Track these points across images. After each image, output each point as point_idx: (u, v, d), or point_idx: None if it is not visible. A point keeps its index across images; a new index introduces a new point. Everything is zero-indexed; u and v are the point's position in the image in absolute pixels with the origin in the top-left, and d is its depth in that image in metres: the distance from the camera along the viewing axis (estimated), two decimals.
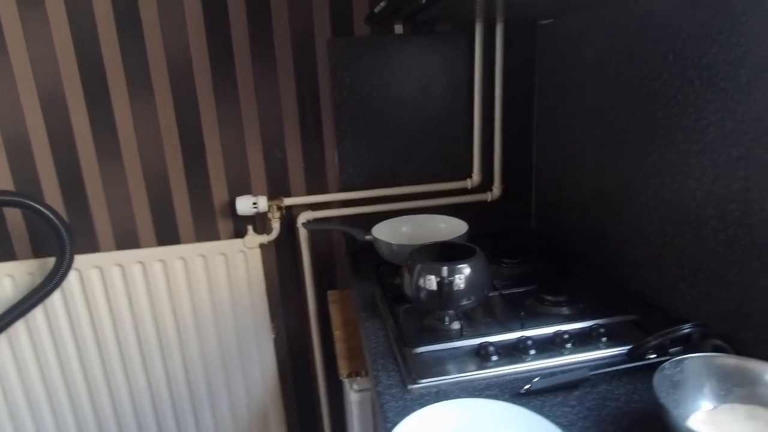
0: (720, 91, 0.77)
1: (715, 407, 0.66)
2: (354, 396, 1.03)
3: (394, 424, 0.70)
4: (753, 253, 0.75)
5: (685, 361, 0.68)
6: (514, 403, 0.73)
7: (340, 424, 1.64)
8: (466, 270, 0.92)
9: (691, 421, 0.64)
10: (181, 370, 1.46)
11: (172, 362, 1.44)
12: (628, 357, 0.81)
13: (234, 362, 1.47)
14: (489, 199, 1.44)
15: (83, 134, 1.28)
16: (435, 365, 0.84)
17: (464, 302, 0.93)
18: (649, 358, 0.79)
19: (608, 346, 0.86)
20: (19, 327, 1.33)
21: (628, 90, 0.99)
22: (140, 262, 1.35)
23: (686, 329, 0.78)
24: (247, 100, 1.32)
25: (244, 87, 1.31)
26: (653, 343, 0.78)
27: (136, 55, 1.24)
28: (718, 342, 0.79)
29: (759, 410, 0.64)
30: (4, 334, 1.33)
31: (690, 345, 0.81)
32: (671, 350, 0.80)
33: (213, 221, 1.39)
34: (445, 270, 0.90)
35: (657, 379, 0.65)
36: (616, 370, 0.79)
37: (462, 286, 0.91)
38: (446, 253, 1.03)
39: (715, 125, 0.79)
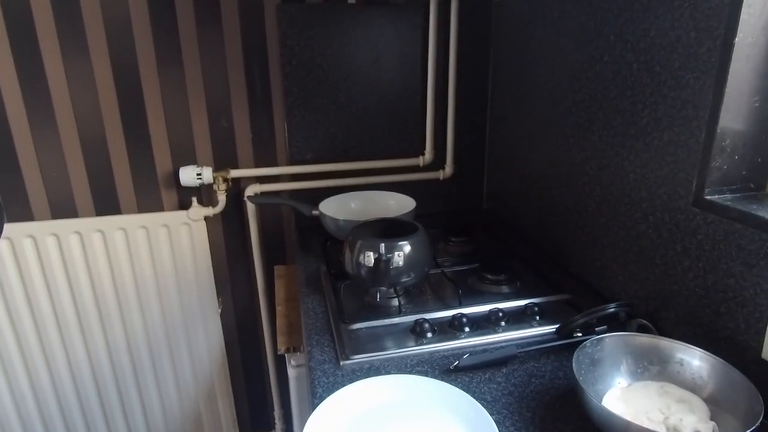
0: (655, 75, 0.78)
1: (629, 384, 0.68)
2: (292, 371, 1.03)
3: (322, 399, 0.69)
4: (677, 235, 0.77)
5: (606, 340, 0.70)
6: (442, 379, 0.74)
7: (288, 397, 1.64)
8: (405, 247, 0.91)
9: (606, 398, 0.66)
10: (123, 343, 1.42)
11: (113, 335, 1.41)
12: (557, 335, 0.83)
13: (179, 336, 1.45)
14: (441, 178, 1.44)
15: (12, 92, 1.20)
16: (370, 341, 0.84)
17: (403, 279, 0.93)
18: (576, 337, 0.81)
19: (540, 325, 0.88)
20: None
21: (573, 72, 0.99)
22: (77, 233, 1.29)
23: (611, 308, 0.80)
24: (191, 65, 1.26)
25: (189, 51, 1.25)
26: (580, 321, 0.80)
27: (69, 10, 1.16)
28: (643, 321, 0.82)
29: (669, 386, 0.66)
30: None
31: (616, 324, 0.84)
32: (598, 329, 0.83)
33: (156, 192, 1.34)
34: (383, 246, 0.89)
35: (577, 356, 0.67)
36: (544, 347, 0.81)
37: (401, 263, 0.91)
38: (390, 229, 1.02)
39: (649, 109, 0.80)
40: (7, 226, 1.24)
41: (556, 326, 0.84)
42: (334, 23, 1.27)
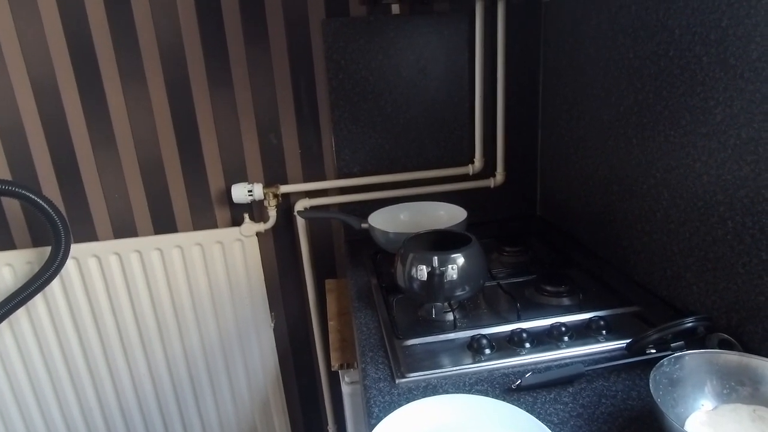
0: (729, 68, 0.71)
1: (716, 407, 0.62)
2: (346, 388, 1.01)
3: (379, 419, 0.67)
4: (763, 242, 0.70)
5: (685, 358, 0.64)
6: (504, 399, 0.70)
7: (342, 412, 1.63)
8: (459, 259, 0.88)
9: (690, 422, 0.60)
10: (181, 357, 1.46)
11: (172, 350, 1.44)
12: (627, 351, 0.77)
13: (234, 350, 1.47)
14: (491, 186, 1.40)
15: (77, 122, 1.26)
16: (425, 358, 0.82)
17: (458, 293, 0.90)
18: (650, 353, 0.75)
19: (608, 340, 0.82)
20: (20, 315, 1.34)
21: (632, 70, 0.93)
22: (137, 251, 1.34)
23: (689, 323, 0.74)
24: (240, 85, 1.29)
25: (238, 72, 1.28)
26: (654, 337, 0.74)
27: (127, 40, 1.22)
28: (725, 336, 0.75)
29: (763, 411, 0.59)
30: (5, 322, 1.34)
31: (694, 339, 0.77)
32: (673, 345, 0.76)
33: (209, 209, 1.38)
34: (436, 259, 0.86)
35: (654, 376, 0.61)
36: (614, 365, 0.75)
37: (455, 276, 0.88)
38: (442, 241, 1.00)
39: (723, 105, 0.73)
40: (73, 247, 1.31)
41: (626, 342, 0.78)
42: (379, 35, 1.26)
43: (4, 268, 1.31)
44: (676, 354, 0.64)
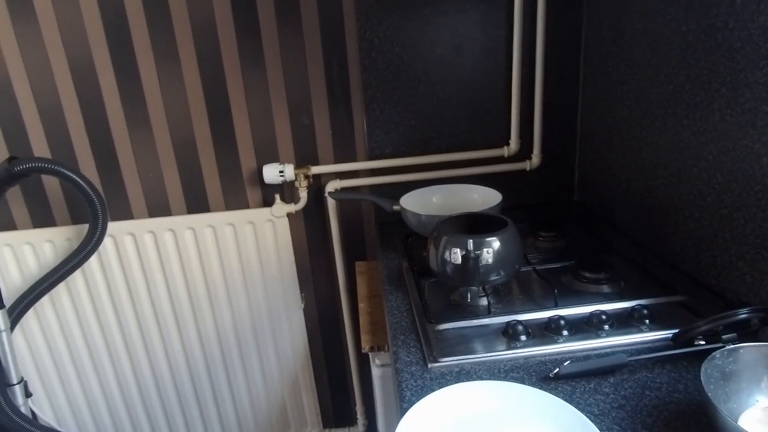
0: None
1: None
2: (376, 370, 1.01)
3: (411, 403, 0.66)
4: None
5: (741, 350, 0.60)
6: (541, 388, 0.68)
7: (370, 393, 1.63)
8: (494, 243, 0.85)
9: (744, 419, 0.57)
10: (213, 334, 1.48)
11: (205, 326, 1.47)
12: (674, 342, 0.73)
13: (264, 329, 1.48)
14: (527, 168, 1.35)
15: (113, 102, 1.28)
16: (458, 343, 0.80)
17: (493, 277, 0.87)
18: (699, 345, 0.71)
19: (651, 330, 0.78)
20: (60, 290, 1.39)
21: (685, 45, 0.87)
22: (171, 230, 1.36)
23: (744, 314, 0.69)
24: (272, 65, 1.27)
25: (270, 51, 1.26)
26: (704, 327, 0.70)
27: (161, 20, 1.22)
28: None
29: None
30: (47, 297, 1.38)
31: (747, 332, 0.72)
32: (724, 337, 0.72)
33: (241, 189, 1.38)
34: (471, 243, 0.84)
35: (705, 368, 0.58)
36: (659, 356, 0.72)
37: (490, 260, 0.85)
38: (476, 225, 0.97)
39: None
40: (110, 224, 1.33)
41: (672, 332, 0.74)
42: (413, 12, 1.22)
43: (45, 245, 1.35)
44: (729, 346, 0.60)
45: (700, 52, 0.84)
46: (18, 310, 1.30)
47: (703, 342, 0.70)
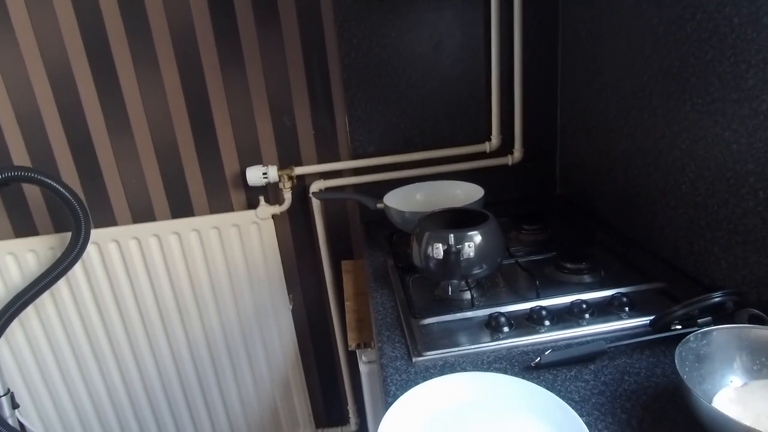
0: (763, 28, 0.67)
1: (745, 384, 0.60)
2: (363, 367, 1.01)
3: (396, 398, 0.66)
4: None
5: (714, 333, 0.62)
6: (523, 377, 0.69)
7: (361, 391, 1.64)
8: (476, 237, 0.86)
9: (718, 399, 0.58)
10: (202, 338, 1.48)
11: (193, 331, 1.46)
12: (651, 328, 0.75)
13: (253, 331, 1.48)
14: (510, 163, 1.37)
15: (93, 109, 1.27)
16: (443, 337, 0.81)
17: (475, 271, 0.88)
18: (675, 329, 0.72)
19: (631, 317, 0.79)
20: (45, 299, 1.37)
21: (656, 37, 0.89)
22: (156, 235, 1.36)
23: (717, 297, 0.71)
24: (252, 67, 1.28)
25: (250, 52, 1.26)
26: (679, 312, 0.71)
27: (139, 25, 1.21)
28: (755, 311, 0.72)
29: None
30: (31, 306, 1.37)
31: (722, 315, 0.74)
32: (700, 321, 0.73)
33: (225, 192, 1.38)
34: (452, 237, 0.84)
35: (680, 352, 0.59)
36: (638, 342, 0.73)
37: (471, 254, 0.86)
38: (458, 220, 0.98)
39: (756, 69, 0.69)
40: (93, 232, 1.32)
41: (650, 318, 0.76)
42: (391, 10, 1.23)
43: (28, 254, 1.33)
44: (703, 329, 0.62)
45: (671, 43, 0.86)
46: (2, 321, 1.29)
47: (679, 327, 0.72)
